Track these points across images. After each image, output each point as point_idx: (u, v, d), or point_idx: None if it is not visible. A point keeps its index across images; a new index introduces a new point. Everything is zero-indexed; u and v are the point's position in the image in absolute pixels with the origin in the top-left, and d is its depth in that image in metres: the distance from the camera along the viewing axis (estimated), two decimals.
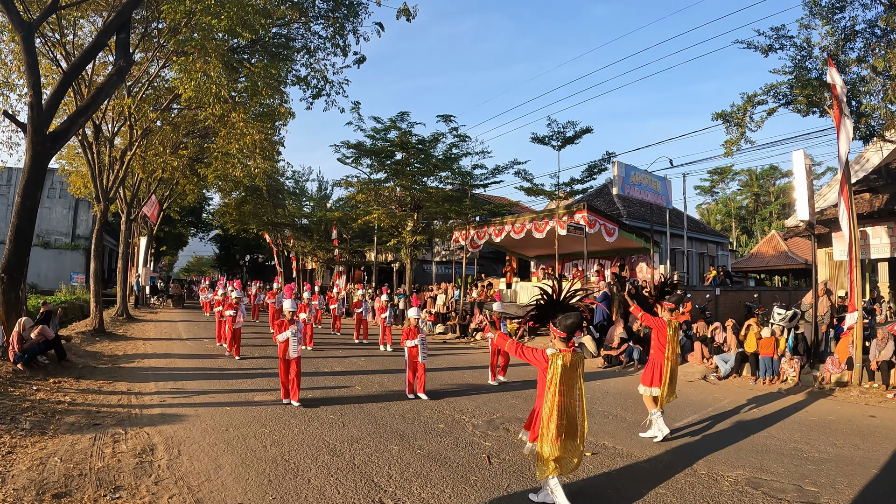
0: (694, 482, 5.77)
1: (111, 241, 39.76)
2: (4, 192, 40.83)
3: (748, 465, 6.35)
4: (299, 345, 8.83)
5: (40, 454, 6.15)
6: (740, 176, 64.60)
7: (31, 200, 10.87)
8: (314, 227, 36.70)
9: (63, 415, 7.80)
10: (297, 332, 8.82)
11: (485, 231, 20.12)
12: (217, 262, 68.70)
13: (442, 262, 34.53)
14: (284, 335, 8.72)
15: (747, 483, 5.76)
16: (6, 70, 15.27)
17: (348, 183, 27.00)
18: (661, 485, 5.68)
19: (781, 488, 5.64)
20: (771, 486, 5.68)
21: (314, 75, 17.85)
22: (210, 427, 7.37)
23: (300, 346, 8.87)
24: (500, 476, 5.84)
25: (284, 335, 8.72)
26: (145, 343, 16.12)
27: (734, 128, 14.48)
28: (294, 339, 8.71)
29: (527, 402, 9.47)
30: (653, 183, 19.31)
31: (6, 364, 10.08)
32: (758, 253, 36.31)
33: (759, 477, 5.97)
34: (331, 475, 5.72)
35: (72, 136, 13.75)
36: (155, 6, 14.27)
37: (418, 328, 9.74)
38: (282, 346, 8.77)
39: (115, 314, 22.41)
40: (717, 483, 5.75)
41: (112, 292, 27.76)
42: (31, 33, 10.94)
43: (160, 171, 24.44)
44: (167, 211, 34.20)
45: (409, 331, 9.69)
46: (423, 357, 9.48)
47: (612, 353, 14.40)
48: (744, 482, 5.79)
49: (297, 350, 8.73)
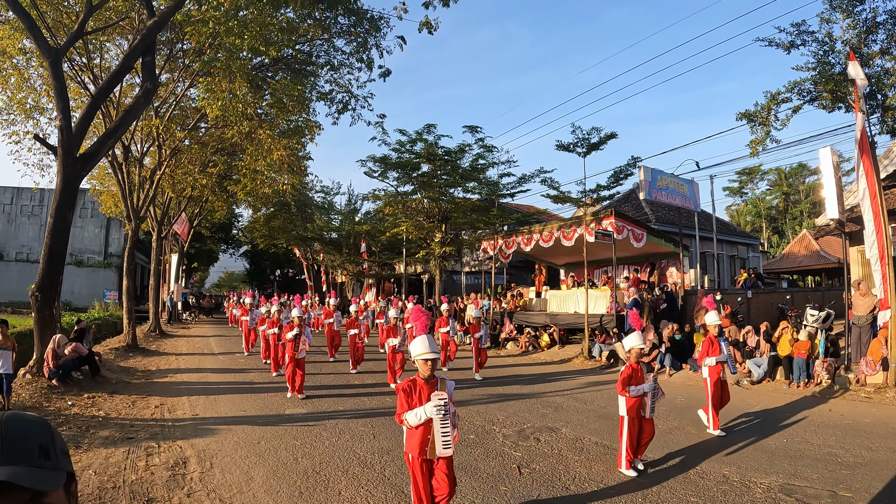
0: (726, 489, 5.65)
1: (143, 258, 40.53)
2: (38, 212, 41.98)
3: (781, 472, 6.21)
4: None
5: (75, 467, 6.16)
6: (769, 175, 63.18)
7: (63, 221, 11.07)
8: (343, 240, 36.98)
9: (97, 429, 7.89)
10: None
11: (513, 240, 20.00)
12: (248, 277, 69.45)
13: (471, 272, 34.40)
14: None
15: (780, 490, 5.63)
16: (36, 94, 15.68)
17: (375, 196, 27.15)
18: (693, 493, 5.56)
19: (815, 494, 5.51)
20: (805, 493, 5.54)
21: (339, 90, 18.06)
22: (242, 440, 7.39)
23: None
24: (531, 486, 5.75)
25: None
26: (178, 358, 16.33)
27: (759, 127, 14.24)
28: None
29: (557, 412, 9.35)
30: (680, 186, 19.02)
31: (41, 380, 10.27)
32: (789, 253, 35.51)
33: (793, 483, 5.83)
34: (361, 487, 5.68)
35: (101, 157, 14.00)
36: (179, 28, 14.51)
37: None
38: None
39: (147, 330, 22.78)
40: (750, 490, 5.62)
41: (144, 309, 28.23)
42: (58, 59, 11.16)
43: (189, 189, 24.88)
44: (197, 228, 34.79)
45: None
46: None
47: (643, 359, 14.13)
48: (777, 489, 5.65)
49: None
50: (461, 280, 34.29)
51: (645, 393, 6.22)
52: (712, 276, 24.90)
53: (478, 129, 23.64)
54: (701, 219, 23.06)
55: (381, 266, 37.83)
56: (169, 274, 32.91)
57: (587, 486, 5.78)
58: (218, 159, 24.43)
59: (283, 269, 60.04)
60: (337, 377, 12.70)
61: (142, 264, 41.87)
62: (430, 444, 4.31)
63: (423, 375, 4.47)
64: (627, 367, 6.39)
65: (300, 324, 10.10)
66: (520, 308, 21.30)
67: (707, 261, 25.87)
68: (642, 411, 6.20)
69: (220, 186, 26.43)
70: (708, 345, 8.20)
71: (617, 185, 23.83)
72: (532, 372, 14.42)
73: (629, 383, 6.18)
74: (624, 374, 6.24)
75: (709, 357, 8.10)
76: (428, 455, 4.33)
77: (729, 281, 27.06)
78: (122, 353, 16.09)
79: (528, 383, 12.59)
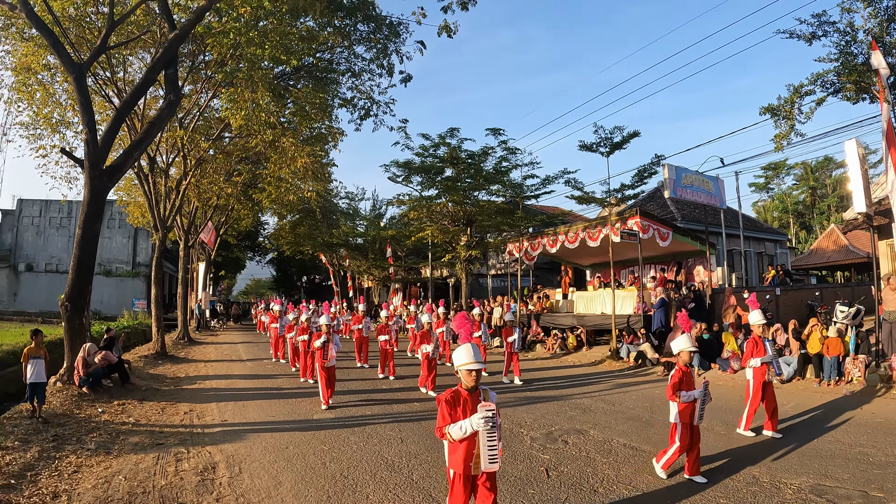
0: (756, 491, 5.54)
1: (170, 267, 41.18)
2: (66, 224, 43.05)
3: (812, 472, 6.08)
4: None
5: (105, 473, 6.28)
6: (795, 170, 62.00)
7: (91, 232, 11.27)
8: (369, 245, 37.15)
9: (127, 435, 7.98)
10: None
11: (538, 242, 19.87)
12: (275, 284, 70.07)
13: (497, 275, 34.28)
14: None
15: (811, 491, 5.51)
16: (61, 109, 15.97)
17: (400, 201, 27.22)
18: (722, 494, 5.46)
19: (846, 495, 5.39)
20: (835, 494, 5.43)
21: (360, 97, 18.19)
22: (270, 445, 7.40)
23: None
24: (559, 489, 5.67)
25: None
26: (206, 365, 16.49)
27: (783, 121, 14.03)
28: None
29: (585, 414, 9.22)
30: (705, 184, 18.74)
31: (72, 388, 10.44)
32: (818, 249, 34.83)
33: (824, 484, 5.70)
34: (389, 491, 5.64)
35: (127, 169, 14.22)
36: (200, 40, 14.71)
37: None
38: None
39: (176, 338, 23.07)
40: (780, 491, 5.51)
41: (173, 316, 28.60)
42: (82, 74, 11.37)
43: (215, 198, 25.22)
44: (224, 236, 35.22)
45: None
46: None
47: (671, 360, 13.92)
48: (807, 490, 5.54)
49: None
50: (487, 283, 34.19)
51: (695, 399, 5.93)
52: (740, 274, 24.50)
53: (500, 132, 23.59)
54: (727, 216, 22.69)
55: (407, 271, 37.93)
56: (196, 282, 33.35)
57: (615, 488, 5.70)
58: (243, 168, 24.75)
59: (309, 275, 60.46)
60: (365, 382, 12.69)
61: (169, 273, 42.52)
62: (476, 458, 4.06)
63: (466, 386, 4.22)
64: (677, 370, 6.11)
65: (328, 331, 9.90)
66: (546, 310, 21.15)
67: (734, 258, 25.47)
68: (692, 417, 5.93)
69: (246, 195, 26.74)
70: (752, 345, 7.95)
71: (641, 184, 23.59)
72: (559, 374, 14.27)
73: (680, 388, 5.93)
74: (674, 378, 6.00)
75: (753, 358, 7.86)
76: (473, 470, 4.09)
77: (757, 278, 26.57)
78: (152, 361, 16.30)
79: (556, 385, 12.46)
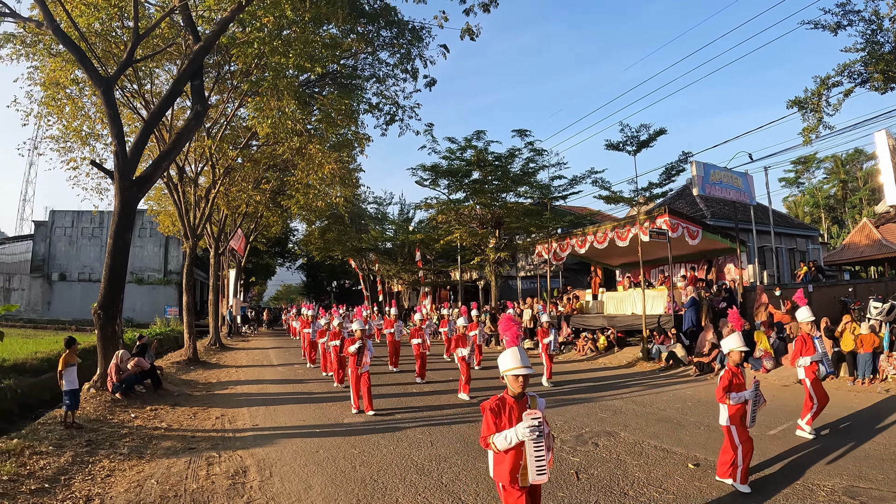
0: (788, 493, 5.42)
1: (201, 274, 41.83)
2: (98, 234, 44.04)
3: (846, 473, 5.93)
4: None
5: (137, 477, 6.35)
6: (825, 163, 60.12)
7: (122, 241, 11.46)
8: (398, 250, 37.32)
9: (159, 440, 8.08)
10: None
11: (567, 243, 19.72)
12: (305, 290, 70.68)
13: (527, 276, 34.08)
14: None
15: (844, 492, 5.37)
16: (90, 122, 16.26)
17: (428, 205, 27.28)
18: (754, 497, 5.35)
19: (881, 497, 5.24)
20: (869, 495, 5.28)
21: (385, 102, 18.26)
22: (301, 449, 7.42)
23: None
24: (588, 492, 5.59)
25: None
26: (238, 370, 16.66)
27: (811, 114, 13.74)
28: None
29: (616, 415, 9.07)
30: (734, 180, 18.40)
31: (105, 394, 10.62)
32: (850, 244, 33.90)
33: (857, 485, 5.55)
34: (419, 494, 5.60)
35: (157, 179, 14.43)
36: (225, 51, 14.87)
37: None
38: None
39: (208, 344, 23.39)
40: (813, 493, 5.38)
41: (204, 323, 29.03)
42: (109, 88, 11.57)
43: (244, 205, 25.54)
44: (253, 243, 35.64)
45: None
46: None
47: (703, 359, 13.66)
48: (840, 491, 5.40)
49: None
50: (517, 285, 34.00)
51: (746, 400, 5.62)
52: (771, 271, 23.99)
53: (527, 133, 23.49)
54: (757, 212, 22.22)
55: (436, 274, 37.95)
56: (228, 289, 33.77)
57: (646, 490, 5.59)
58: (271, 175, 25.01)
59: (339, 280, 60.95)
60: (395, 387, 12.66)
61: (201, 280, 43.22)
62: (523, 469, 3.74)
63: (512, 393, 3.90)
64: (727, 371, 5.78)
65: (362, 336, 9.64)
66: (576, 311, 20.96)
67: (765, 255, 24.96)
68: (743, 420, 5.66)
69: (274, 202, 27.01)
70: (801, 343, 7.73)
71: (669, 181, 23.30)
72: (590, 376, 14.11)
73: (730, 390, 5.62)
74: (724, 379, 5.68)
75: (803, 357, 7.63)
76: (520, 483, 3.77)
77: (789, 275, 26.00)
78: (184, 367, 16.53)
79: (586, 387, 12.31)
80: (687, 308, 15.63)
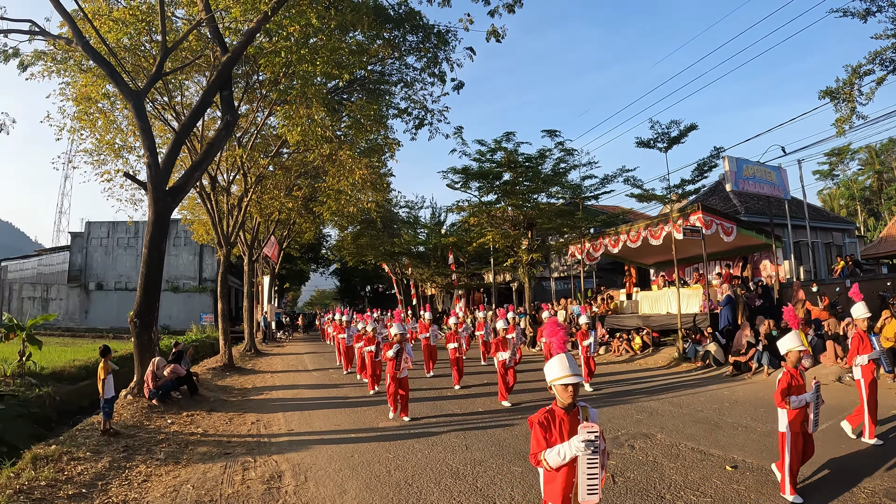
0: (827, 494, 5.27)
1: (236, 281, 42.43)
2: (133, 244, 45.04)
3: (887, 475, 5.73)
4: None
5: (174, 482, 6.41)
6: (859, 154, 58.22)
7: (157, 251, 11.67)
8: (430, 253, 37.33)
9: (195, 445, 8.16)
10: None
11: (600, 242, 19.53)
12: (339, 294, 71.20)
13: (560, 277, 33.82)
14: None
15: (885, 494, 5.20)
16: (123, 135, 16.60)
17: (459, 208, 27.22)
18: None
19: None
20: None
21: (414, 106, 18.29)
22: (335, 453, 7.42)
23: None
24: (625, 495, 5.49)
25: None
26: (273, 376, 16.79)
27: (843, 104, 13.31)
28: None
29: (652, 417, 8.88)
30: (767, 174, 17.97)
31: (142, 400, 10.79)
32: (888, 236, 32.92)
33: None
34: (453, 498, 5.53)
35: (189, 189, 14.63)
36: (253, 61, 15.03)
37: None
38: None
39: (243, 350, 23.66)
40: (854, 495, 5.21)
41: (239, 329, 29.38)
42: (140, 101, 11.79)
43: (277, 213, 25.81)
44: (287, 249, 36.05)
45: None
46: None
47: (740, 359, 13.32)
48: (882, 493, 5.23)
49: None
50: (550, 286, 33.73)
51: (807, 404, 5.27)
52: (808, 267, 23.33)
53: (556, 133, 23.27)
54: (792, 206, 21.65)
55: (469, 277, 37.90)
56: (262, 295, 34.18)
57: (683, 493, 5.45)
58: (302, 182, 25.26)
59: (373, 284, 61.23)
60: (430, 391, 12.59)
61: (235, 287, 43.84)
62: (575, 489, 3.43)
63: (562, 404, 3.58)
64: (785, 374, 5.40)
65: (401, 341, 9.44)
66: (611, 311, 20.68)
67: (801, 250, 24.31)
68: (805, 425, 5.32)
69: (306, 208, 27.27)
70: (858, 341, 7.37)
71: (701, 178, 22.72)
72: (626, 377, 13.86)
73: (789, 393, 5.27)
74: (782, 382, 5.32)
75: (860, 355, 7.24)
76: (572, 503, 3.48)
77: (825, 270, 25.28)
78: (219, 373, 16.73)
79: (622, 388, 12.09)
80: (723, 306, 15.28)
